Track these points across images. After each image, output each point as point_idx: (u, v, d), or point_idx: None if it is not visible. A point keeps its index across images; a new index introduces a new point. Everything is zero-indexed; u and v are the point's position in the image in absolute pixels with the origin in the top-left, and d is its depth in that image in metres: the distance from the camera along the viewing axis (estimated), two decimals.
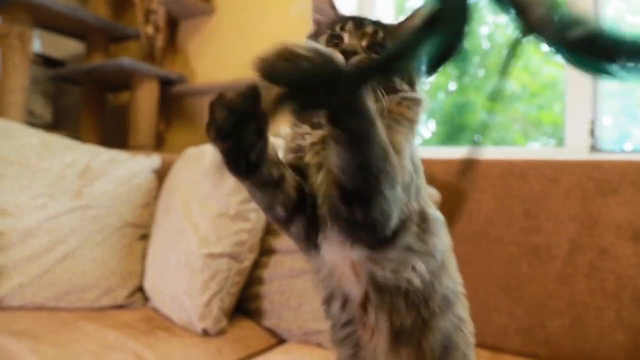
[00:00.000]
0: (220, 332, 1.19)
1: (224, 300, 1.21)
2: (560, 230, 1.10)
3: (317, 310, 1.16)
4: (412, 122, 0.56)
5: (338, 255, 0.55)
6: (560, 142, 1.55)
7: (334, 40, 0.57)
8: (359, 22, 0.57)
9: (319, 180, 0.54)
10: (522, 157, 1.22)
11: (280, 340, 1.23)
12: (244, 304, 1.32)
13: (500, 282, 1.14)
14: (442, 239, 0.59)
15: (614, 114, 1.47)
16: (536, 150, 1.64)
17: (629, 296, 1.01)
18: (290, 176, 0.54)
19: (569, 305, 1.06)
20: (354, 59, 0.52)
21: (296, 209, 0.54)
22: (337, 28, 0.57)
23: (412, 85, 0.57)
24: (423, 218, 0.56)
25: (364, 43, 0.56)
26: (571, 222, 1.09)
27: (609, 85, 1.45)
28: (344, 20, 0.58)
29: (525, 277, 1.12)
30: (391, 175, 0.48)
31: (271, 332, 1.25)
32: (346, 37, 0.57)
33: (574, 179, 1.11)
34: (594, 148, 1.37)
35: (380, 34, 0.57)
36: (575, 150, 1.39)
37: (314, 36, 0.61)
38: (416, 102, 0.57)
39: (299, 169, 0.56)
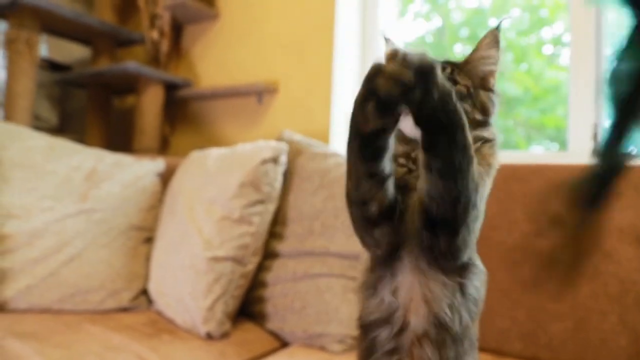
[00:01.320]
0: (224, 335, 1.20)
1: (228, 303, 1.22)
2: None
3: (320, 313, 1.16)
4: (491, 167, 0.59)
5: (413, 284, 0.55)
6: (563, 146, 1.55)
7: None
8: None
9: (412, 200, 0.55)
10: (524, 161, 1.22)
11: (284, 344, 1.24)
12: (248, 307, 1.33)
13: (503, 286, 1.14)
14: (483, 291, 0.60)
15: None
16: (539, 154, 1.64)
17: (632, 300, 1.01)
18: (392, 179, 0.54)
19: (571, 309, 1.06)
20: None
21: (387, 214, 0.54)
22: None
23: (485, 114, 0.60)
24: (474, 269, 0.58)
25: None
26: None
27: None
28: None
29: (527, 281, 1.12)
30: (478, 208, 0.51)
31: (275, 335, 1.26)
32: None
33: None
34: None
35: (449, 69, 0.60)
36: (578, 154, 1.39)
37: None
38: (493, 144, 0.60)
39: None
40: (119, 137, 2.27)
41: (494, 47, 0.61)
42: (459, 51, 2.06)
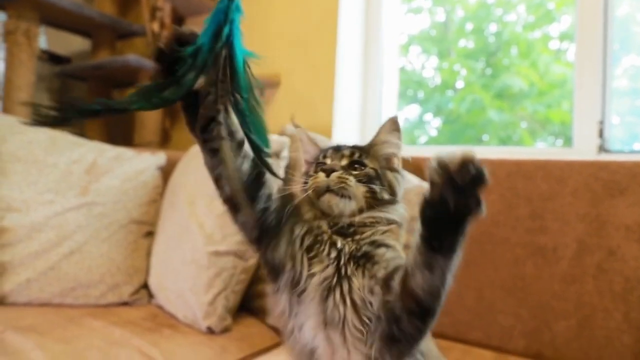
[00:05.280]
0: (225, 330, 1.20)
1: (229, 298, 1.21)
2: (567, 231, 1.09)
3: None
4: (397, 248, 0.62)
5: (321, 334, 0.56)
6: (568, 141, 1.54)
7: (320, 167, 0.64)
8: (337, 148, 0.67)
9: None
10: (529, 157, 1.21)
11: None
12: (249, 302, 1.32)
13: (506, 283, 1.14)
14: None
15: (622, 113, 1.45)
16: (543, 150, 1.63)
17: (637, 298, 1.00)
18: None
19: (575, 306, 1.05)
20: (334, 175, 0.60)
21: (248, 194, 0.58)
22: (321, 157, 0.67)
23: (393, 193, 0.64)
24: None
25: (343, 162, 0.64)
26: (579, 222, 1.08)
27: (617, 84, 1.43)
28: (325, 150, 0.68)
29: (531, 278, 1.11)
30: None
31: (276, 330, 1.25)
32: (328, 161, 0.66)
33: (581, 179, 1.10)
34: (602, 148, 1.36)
35: (357, 154, 0.66)
36: (584, 150, 1.38)
37: (306, 173, 0.69)
38: (401, 227, 0.64)
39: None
40: (119, 131, 2.26)
41: (394, 132, 0.67)
42: (463, 45, 2.04)
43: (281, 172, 1.33)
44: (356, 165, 0.63)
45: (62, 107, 0.48)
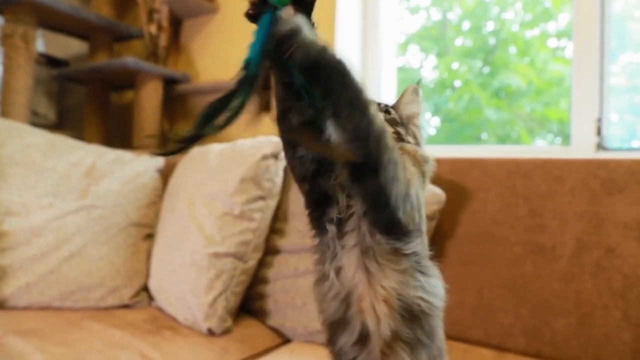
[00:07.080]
0: (226, 332, 1.20)
1: (229, 299, 1.22)
2: (566, 229, 1.09)
3: None
4: (425, 175, 0.60)
5: (360, 270, 0.53)
6: (566, 140, 1.54)
7: None
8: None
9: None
10: (527, 155, 1.21)
11: (285, 340, 1.23)
12: (249, 304, 1.32)
13: (506, 282, 1.14)
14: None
15: (620, 111, 1.45)
16: (542, 148, 1.63)
17: (636, 296, 1.00)
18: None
19: (575, 304, 1.06)
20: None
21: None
22: None
23: (416, 141, 0.66)
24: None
25: None
26: (577, 221, 1.09)
27: (615, 82, 1.44)
28: None
29: (530, 277, 1.11)
30: (396, 157, 0.50)
31: (276, 331, 1.25)
32: None
33: (580, 177, 1.10)
34: (600, 146, 1.36)
35: (382, 105, 0.67)
36: (582, 148, 1.38)
37: None
38: (428, 161, 0.63)
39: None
40: (118, 133, 2.26)
41: (415, 94, 0.70)
42: (461, 44, 2.05)
43: (280, 174, 1.33)
44: (383, 113, 0.65)
45: (181, 139, 0.50)
